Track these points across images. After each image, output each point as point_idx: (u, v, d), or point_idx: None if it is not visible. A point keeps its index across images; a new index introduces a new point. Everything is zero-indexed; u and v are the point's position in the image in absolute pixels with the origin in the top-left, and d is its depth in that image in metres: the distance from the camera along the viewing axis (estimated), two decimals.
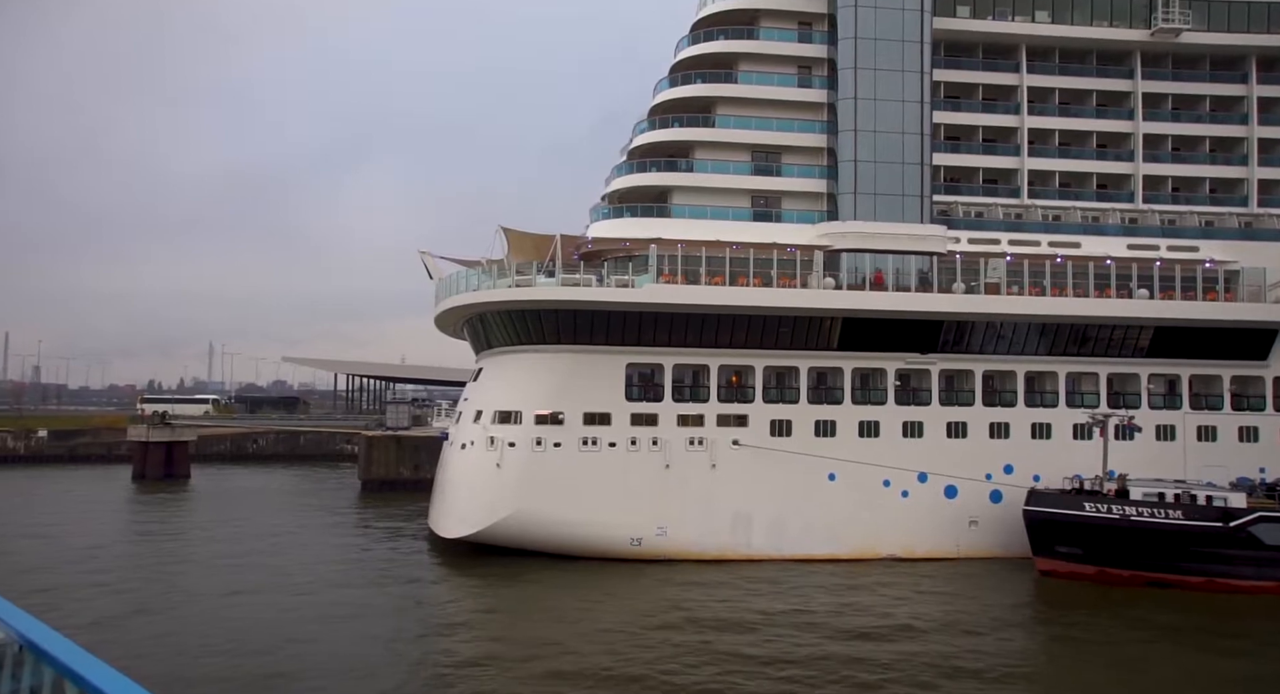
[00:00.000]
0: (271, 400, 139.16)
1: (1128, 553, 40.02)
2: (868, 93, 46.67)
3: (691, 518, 43.76)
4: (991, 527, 45.18)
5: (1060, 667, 30.68)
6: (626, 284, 43.52)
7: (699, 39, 49.29)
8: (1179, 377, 47.94)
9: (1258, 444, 47.96)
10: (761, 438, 44.84)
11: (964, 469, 45.33)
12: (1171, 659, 30.86)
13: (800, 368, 45.57)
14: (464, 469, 45.73)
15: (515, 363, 45.97)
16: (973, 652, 30.87)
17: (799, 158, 48.50)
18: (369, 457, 72.73)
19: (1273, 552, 39.20)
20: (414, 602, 37.39)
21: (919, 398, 46.26)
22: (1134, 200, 50.61)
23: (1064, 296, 46.08)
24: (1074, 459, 45.31)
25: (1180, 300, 46.68)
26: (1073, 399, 47.12)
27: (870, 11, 46.80)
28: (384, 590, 38.32)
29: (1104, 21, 50.57)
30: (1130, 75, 51.43)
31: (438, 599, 38.63)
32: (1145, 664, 30.23)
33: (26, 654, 4.19)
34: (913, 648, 31.02)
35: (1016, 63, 50.64)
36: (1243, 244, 49.77)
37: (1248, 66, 52.27)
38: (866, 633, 32.88)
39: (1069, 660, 30.98)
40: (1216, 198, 51.66)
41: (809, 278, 45.04)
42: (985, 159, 50.25)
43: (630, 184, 48.93)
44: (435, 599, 38.48)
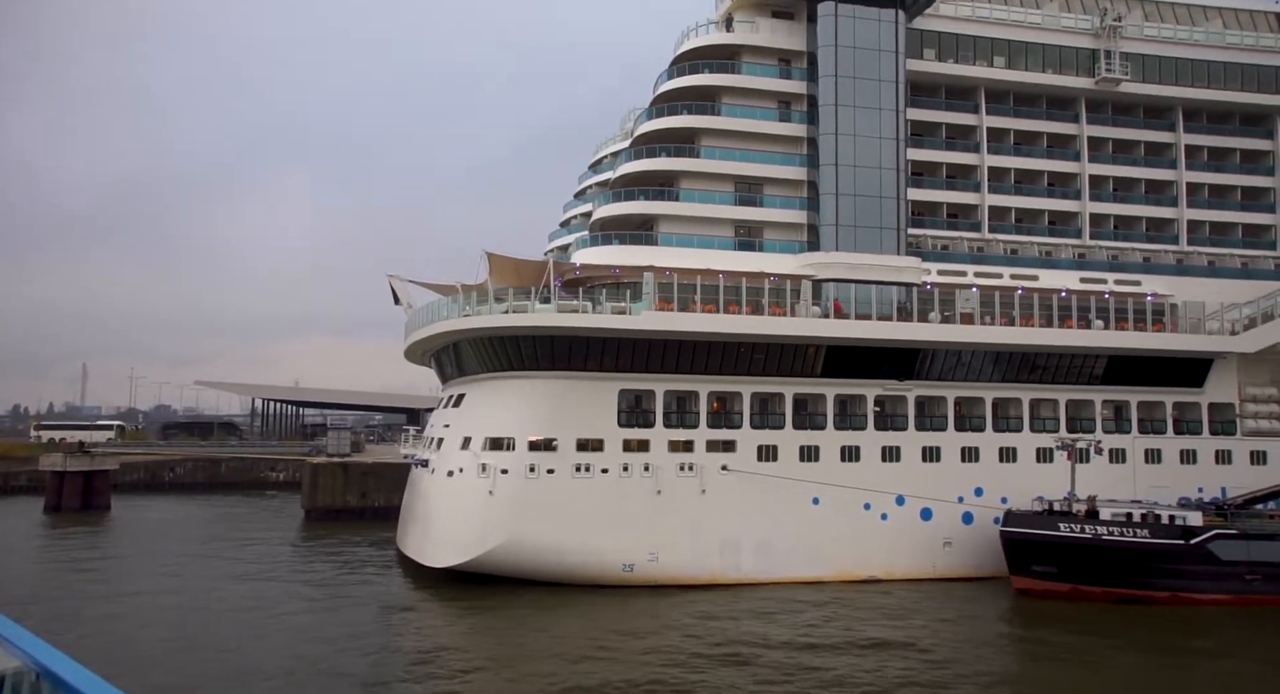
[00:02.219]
0: (200, 426, 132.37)
1: (1099, 571, 42.39)
2: (847, 129, 48.52)
3: (682, 543, 44.13)
4: (964, 547, 47.09)
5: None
6: (623, 311, 43.81)
7: (683, 72, 50.25)
8: (1128, 403, 51.19)
9: (1196, 466, 51.56)
10: (749, 463, 45.64)
11: (938, 492, 47.17)
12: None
13: (785, 394, 46.67)
14: (453, 497, 44.91)
15: (505, 389, 45.54)
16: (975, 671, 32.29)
17: (780, 189, 49.90)
18: (314, 484, 70.28)
19: (1228, 566, 42.20)
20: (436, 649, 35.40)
21: (896, 423, 47.98)
22: (1081, 236, 53.98)
23: (1029, 326, 48.65)
24: (1038, 481, 47.74)
25: (1131, 331, 49.90)
26: (1035, 424, 49.71)
27: (849, 52, 48.75)
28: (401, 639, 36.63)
29: (1053, 69, 53.94)
30: (1076, 119, 55.02)
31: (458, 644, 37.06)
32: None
33: (44, 683, 4.15)
34: (922, 663, 32.24)
35: (976, 104, 53.53)
36: (1177, 279, 53.69)
37: (1176, 116, 56.61)
38: (881, 644, 33.96)
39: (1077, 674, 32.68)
40: (1152, 236, 55.59)
41: (796, 306, 46.24)
42: (949, 194, 52.79)
43: (616, 212, 49.35)
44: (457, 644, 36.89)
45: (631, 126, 68.05)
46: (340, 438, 78.87)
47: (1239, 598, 41.91)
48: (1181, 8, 58.83)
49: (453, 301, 47.46)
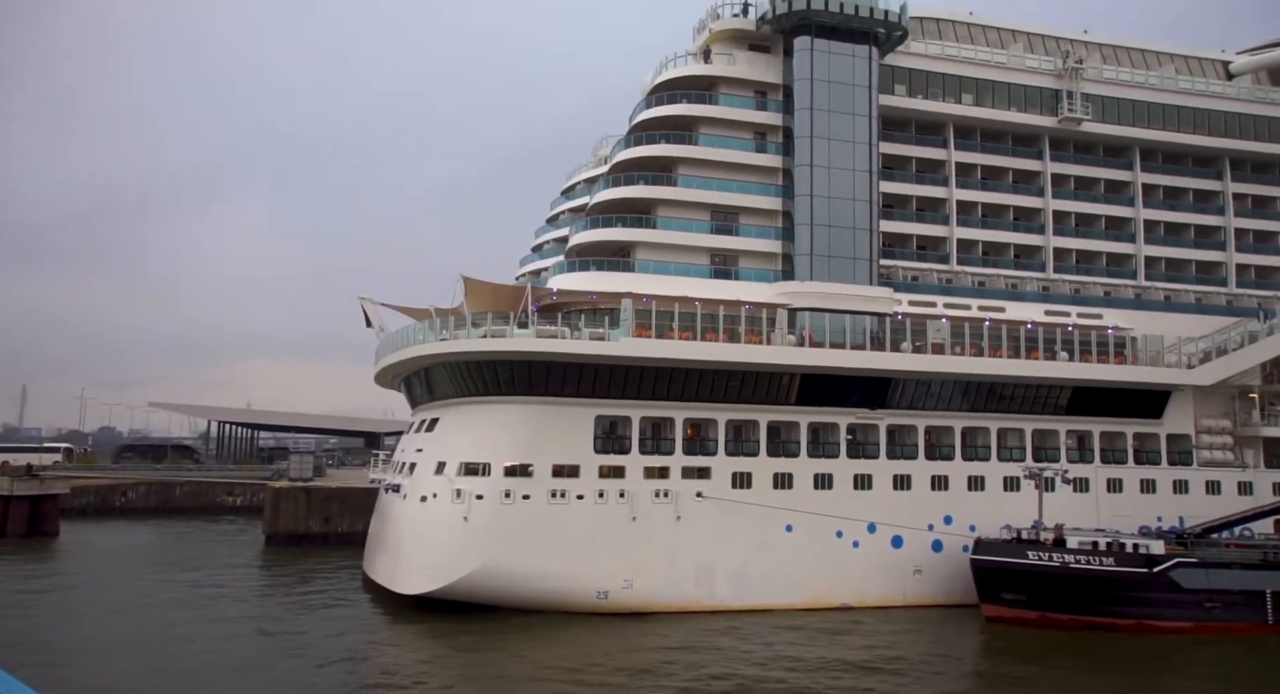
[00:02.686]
0: (155, 448, 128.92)
1: (1067, 598, 43.09)
2: (822, 160, 49.46)
3: (657, 570, 44.02)
4: (934, 575, 47.59)
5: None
6: (601, 337, 43.92)
7: (661, 101, 50.92)
8: (1091, 433, 52.38)
9: (1155, 495, 52.84)
10: (724, 490, 45.79)
11: (909, 520, 47.71)
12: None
13: (760, 421, 46.99)
14: (426, 522, 44.40)
15: (481, 414, 45.29)
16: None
17: (755, 219, 50.59)
18: (276, 509, 68.90)
19: (1188, 594, 43.19)
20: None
21: (868, 451, 48.52)
22: (1046, 270, 55.42)
23: (997, 357, 49.65)
24: (1005, 509, 48.51)
25: (1094, 363, 51.18)
26: (1003, 453, 50.62)
27: (824, 86, 49.80)
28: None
29: (1018, 107, 55.57)
30: (1040, 156, 56.67)
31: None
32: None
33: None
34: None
35: (945, 139, 54.92)
36: (1136, 313, 55.34)
37: (1133, 155, 58.59)
38: (855, 668, 34.18)
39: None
40: (1112, 270, 57.29)
41: (772, 335, 46.72)
42: (918, 226, 53.93)
43: (594, 238, 49.66)
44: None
45: (605, 153, 68.70)
46: (303, 462, 77.51)
47: (1199, 625, 42.88)
48: (1137, 52, 61.12)
49: (428, 326, 47.22)
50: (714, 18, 52.74)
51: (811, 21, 49.69)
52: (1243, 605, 43.57)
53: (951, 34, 56.35)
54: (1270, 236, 61.09)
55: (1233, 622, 43.20)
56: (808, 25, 49.86)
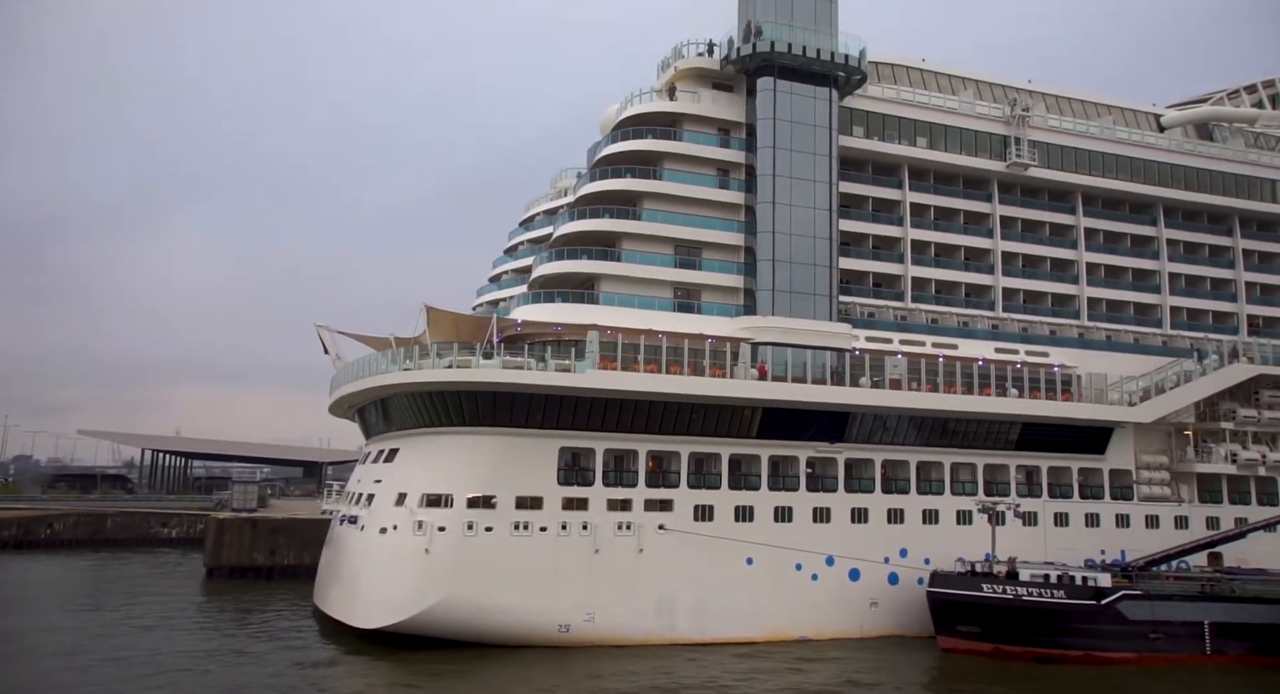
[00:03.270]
0: (85, 478, 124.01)
1: (1019, 630, 44.07)
2: (784, 198, 50.50)
3: (619, 603, 43.87)
4: (889, 607, 48.25)
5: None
6: (568, 369, 43.96)
7: (627, 136, 51.59)
8: (1039, 468, 53.88)
9: (1099, 529, 54.48)
10: (686, 523, 45.94)
11: (866, 553, 48.38)
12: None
13: (722, 454, 47.37)
14: (385, 554, 43.62)
15: (443, 445, 44.86)
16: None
17: (718, 254, 51.34)
18: (218, 541, 66.91)
19: (1133, 625, 44.52)
20: None
21: (827, 485, 49.18)
22: (995, 309, 57.17)
23: (951, 393, 50.88)
24: (958, 543, 49.55)
25: (1042, 400, 52.78)
26: (955, 487, 51.74)
27: (786, 125, 51.00)
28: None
29: (969, 152, 57.55)
30: (990, 199, 58.68)
31: None
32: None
33: None
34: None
35: (900, 180, 56.53)
36: (1080, 351, 57.36)
37: (1076, 200, 61.05)
38: None
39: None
40: (1057, 310, 59.33)
41: (735, 368, 47.27)
42: (874, 264, 55.24)
43: (559, 270, 49.88)
44: None
45: (564, 184, 69.26)
46: (246, 492, 75.69)
47: (1143, 656, 44.18)
48: (1078, 103, 63.93)
49: (389, 355, 46.75)
50: (678, 56, 53.72)
51: (774, 63, 50.97)
52: (1183, 636, 45.02)
53: (906, 79, 58.26)
54: (1200, 281, 64.04)
55: (1174, 652, 44.58)
56: (770, 67, 51.11)
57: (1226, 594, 47.05)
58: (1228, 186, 64.58)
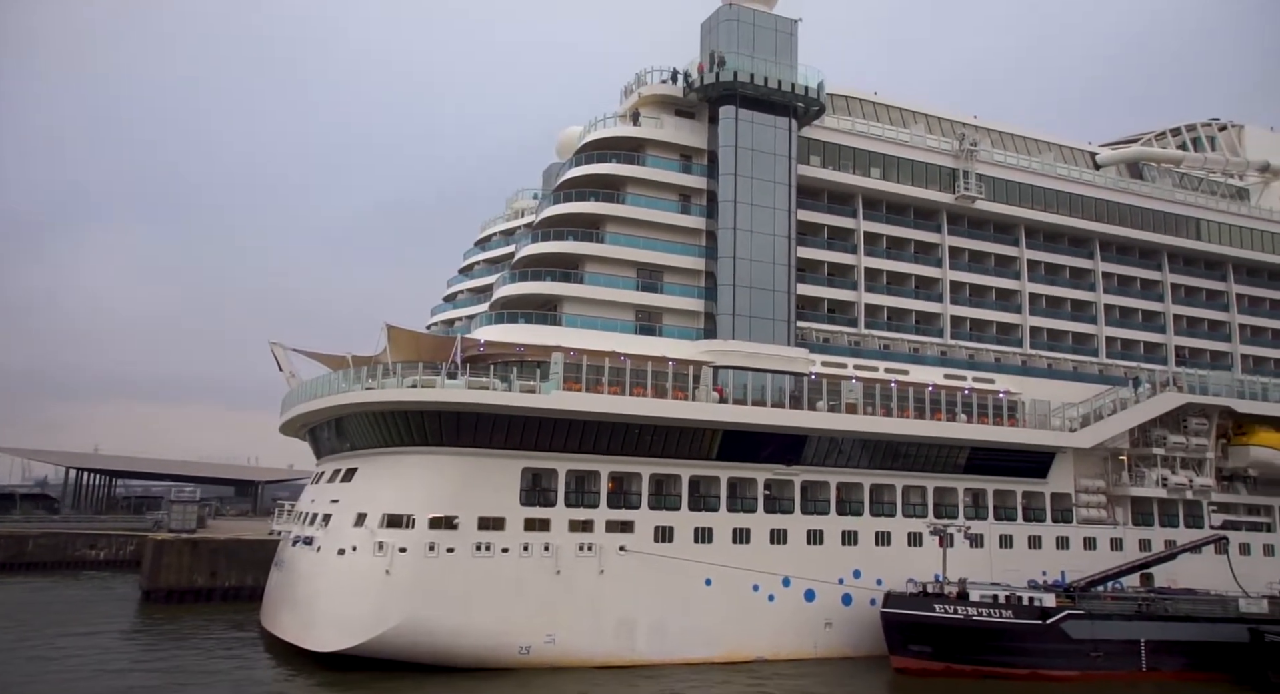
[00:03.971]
0: (3, 498, 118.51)
1: (970, 649, 45.30)
2: (745, 224, 51.51)
3: (580, 624, 43.91)
4: (843, 628, 49.12)
5: None
6: (533, 390, 44.05)
7: (591, 159, 52.14)
8: (985, 491, 55.55)
9: (1041, 550, 56.32)
10: (646, 544, 46.23)
11: (821, 574, 49.25)
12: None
13: (682, 476, 47.85)
14: (343, 576, 42.95)
15: (404, 465, 44.48)
16: None
17: (679, 278, 52.09)
18: (156, 562, 64.82)
19: (1076, 644, 46.13)
20: None
21: (784, 507, 49.96)
22: (944, 336, 58.95)
23: (905, 418, 52.19)
24: (909, 564, 50.78)
25: (990, 425, 54.51)
26: (907, 509, 53.03)
27: (748, 153, 52.13)
28: None
29: (920, 183, 59.42)
30: (939, 229, 60.61)
31: None
32: None
33: None
34: None
35: (854, 209, 58.10)
36: (1023, 378, 59.45)
37: (1019, 233, 63.46)
38: None
39: None
40: (1001, 338, 61.45)
41: (696, 391, 47.88)
42: (829, 290, 56.55)
43: (522, 291, 50.04)
44: None
45: (520, 205, 69.71)
46: (185, 511, 73.48)
47: (1085, 674, 45.79)
48: (1020, 139, 66.59)
49: (349, 374, 46.28)
50: (641, 83, 54.64)
51: (737, 92, 52.12)
52: (1122, 654, 46.81)
53: (859, 111, 60.04)
54: (1132, 313, 67.01)
55: (1114, 670, 46.33)
56: (733, 96, 52.24)
57: (1161, 613, 49.14)
58: (1157, 223, 67.76)
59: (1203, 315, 69.93)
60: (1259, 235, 72.05)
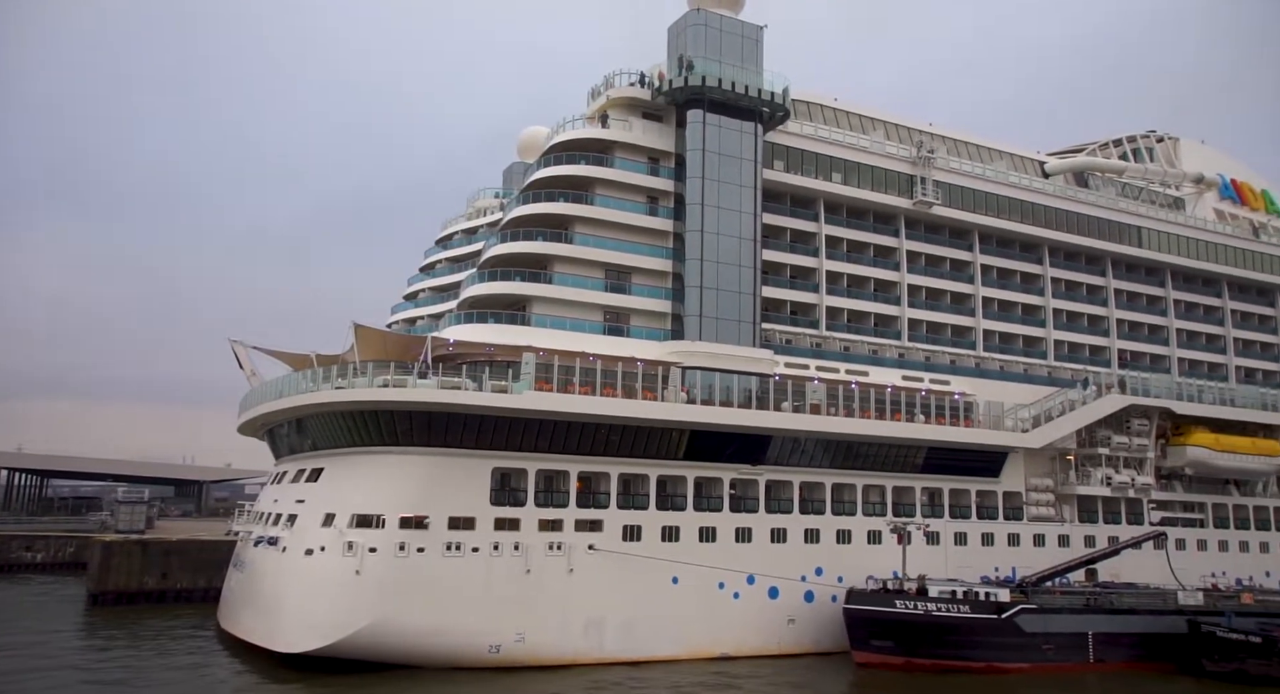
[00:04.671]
0: None
1: (929, 643, 46.58)
2: (712, 227, 52.18)
3: (549, 623, 44.14)
4: (806, 624, 50.09)
5: None
6: (504, 390, 44.10)
7: (561, 161, 52.34)
8: (941, 490, 57.04)
9: (993, 547, 58.04)
10: (615, 543, 46.61)
11: (784, 571, 50.15)
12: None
13: (650, 476, 48.32)
14: (312, 576, 42.54)
15: (373, 464, 44.20)
16: None
17: (646, 279, 52.61)
18: (105, 564, 63.13)
19: (1031, 638, 47.76)
20: None
21: (748, 506, 50.75)
22: (901, 338, 60.39)
23: (866, 418, 53.35)
24: (869, 561, 51.97)
25: (947, 426, 56.00)
26: (867, 508, 54.22)
27: (715, 157, 52.81)
28: None
29: (880, 189, 60.76)
30: (897, 234, 62.07)
31: None
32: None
33: None
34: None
35: (816, 213, 59.21)
36: (977, 380, 61.15)
37: (973, 238, 65.26)
38: None
39: None
40: (956, 341, 63.13)
41: (665, 392, 48.37)
42: (791, 293, 57.54)
43: (491, 291, 50.05)
44: None
45: (481, 204, 69.57)
46: (134, 512, 71.67)
47: (1037, 666, 47.45)
48: (973, 147, 68.50)
49: (316, 373, 45.85)
50: (609, 85, 55.02)
51: (704, 97, 52.77)
52: (1071, 647, 48.63)
53: (820, 117, 61.19)
54: (1079, 317, 69.40)
55: (1063, 662, 48.08)
56: (700, 100, 52.88)
57: (1107, 607, 51.17)
58: (1102, 231, 70.27)
59: (1143, 320, 72.70)
60: (1193, 243, 75.13)
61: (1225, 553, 67.90)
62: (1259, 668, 46.83)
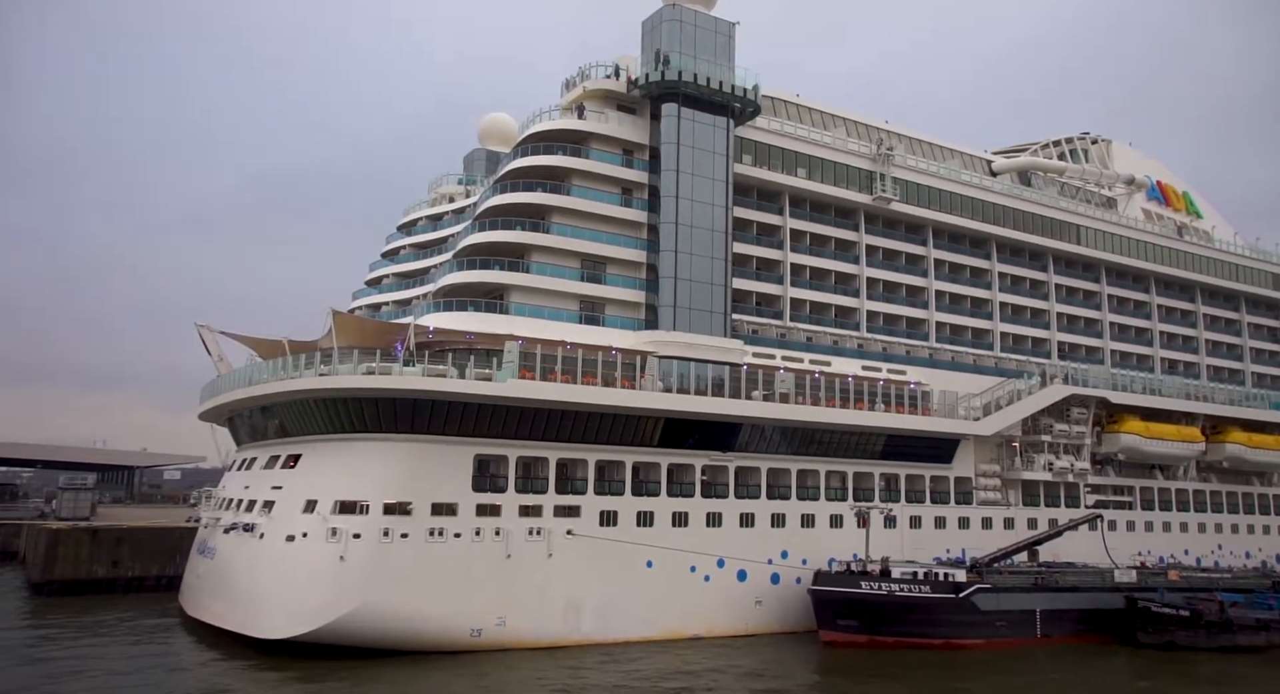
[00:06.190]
0: None
1: (892, 622, 48.70)
2: (686, 219, 53.27)
3: (529, 607, 44.87)
4: (772, 605, 51.82)
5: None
6: (488, 378, 44.51)
7: (537, 151, 52.70)
8: (898, 476, 59.34)
9: (946, 530, 60.67)
10: (592, 528, 47.51)
11: (752, 554, 51.76)
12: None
13: (626, 462, 49.29)
14: (293, 563, 42.44)
15: (355, 451, 44.23)
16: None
17: (622, 269, 53.42)
18: (50, 553, 61.36)
19: (986, 615, 50.29)
20: None
21: (719, 491, 52.14)
22: (860, 329, 62.49)
23: (831, 407, 55.17)
24: (831, 544, 54.01)
25: (905, 414, 58.24)
26: (829, 493, 56.13)
27: (689, 150, 53.84)
28: None
29: (843, 184, 62.65)
30: (857, 228, 64.06)
31: None
32: None
33: None
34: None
35: (781, 207, 60.76)
36: (930, 370, 63.63)
37: (927, 233, 67.69)
38: None
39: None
40: (911, 332, 65.52)
41: (641, 381, 49.33)
42: (758, 285, 59.05)
43: (468, 279, 50.30)
44: None
45: (445, 191, 69.40)
46: (79, 499, 69.63)
47: (991, 642, 50.00)
48: (927, 145, 70.92)
49: (293, 360, 45.53)
50: (584, 77, 55.53)
51: (679, 91, 53.68)
52: (1021, 623, 51.38)
53: (784, 113, 62.70)
54: (1023, 310, 72.63)
55: (1014, 637, 50.76)
56: (675, 94, 53.78)
57: (1053, 585, 54.19)
58: (1044, 228, 73.54)
59: (1080, 313, 76.40)
60: (1125, 241, 79.14)
61: (1151, 533, 72.12)
62: (1186, 638, 50.77)
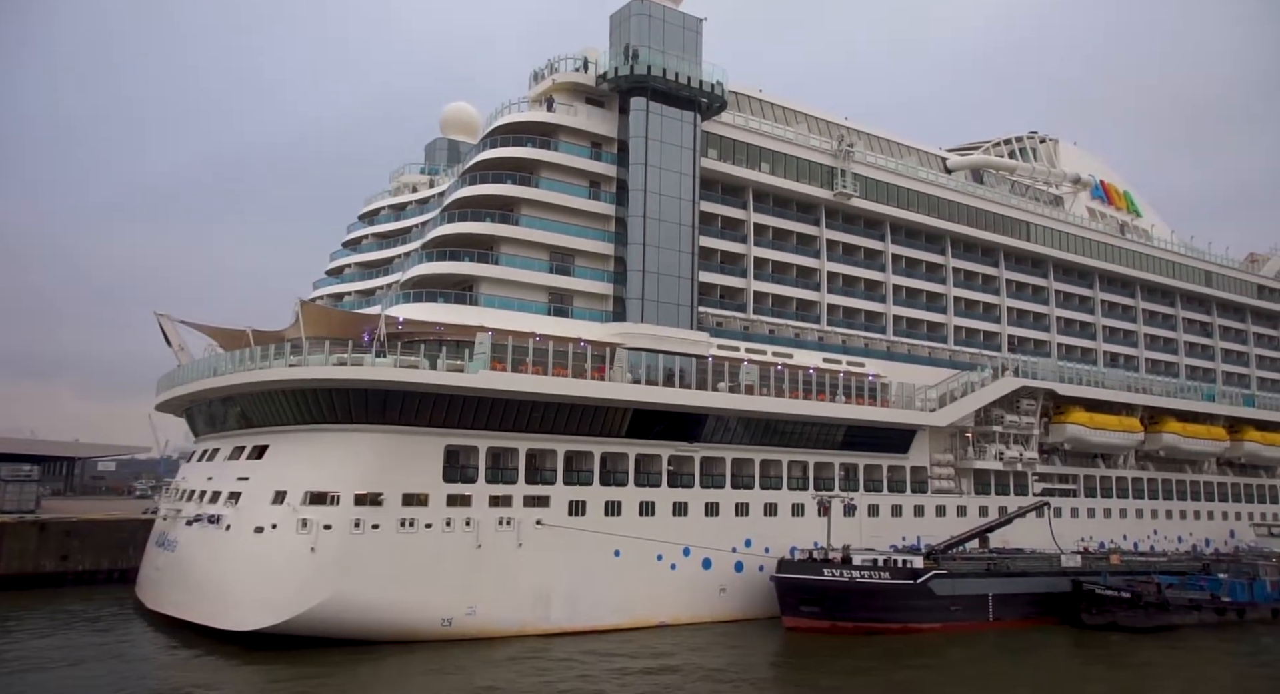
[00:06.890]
0: None
1: (852, 608, 50.07)
2: (653, 213, 53.82)
3: (499, 596, 45.25)
4: (736, 593, 52.87)
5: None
6: (459, 369, 44.64)
7: (507, 142, 52.78)
8: (857, 465, 60.77)
9: (902, 518, 62.36)
10: (561, 518, 47.99)
11: (717, 543, 52.72)
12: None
13: (595, 453, 49.82)
14: (262, 554, 42.24)
15: (325, 442, 44.09)
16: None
17: (590, 262, 53.83)
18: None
19: (941, 600, 51.96)
20: None
21: (685, 481, 52.97)
22: (821, 322, 63.77)
23: (794, 398, 56.29)
24: (793, 533, 55.28)
25: (865, 405, 59.67)
26: (791, 483, 57.35)
27: (657, 144, 54.39)
28: None
29: (805, 179, 63.79)
30: (818, 223, 65.29)
31: None
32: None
33: None
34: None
35: (745, 202, 61.68)
36: (888, 363, 65.27)
37: (885, 229, 69.23)
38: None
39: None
40: (869, 325, 67.04)
41: (612, 372, 49.86)
42: (722, 278, 59.93)
43: (437, 270, 50.26)
44: None
45: (406, 180, 69.06)
46: (23, 491, 67.93)
47: (947, 625, 51.69)
48: (885, 142, 72.47)
49: (261, 351, 45.18)
50: (553, 70, 55.70)
51: (647, 86, 54.15)
52: (974, 607, 53.18)
53: (748, 108, 63.59)
54: (975, 304, 74.73)
55: (968, 621, 52.53)
56: (644, 88, 54.24)
57: (1005, 570, 56.16)
58: (996, 225, 75.65)
59: (1029, 308, 78.81)
60: (1071, 239, 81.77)
61: (1093, 519, 74.96)
62: (1127, 619, 53.26)
